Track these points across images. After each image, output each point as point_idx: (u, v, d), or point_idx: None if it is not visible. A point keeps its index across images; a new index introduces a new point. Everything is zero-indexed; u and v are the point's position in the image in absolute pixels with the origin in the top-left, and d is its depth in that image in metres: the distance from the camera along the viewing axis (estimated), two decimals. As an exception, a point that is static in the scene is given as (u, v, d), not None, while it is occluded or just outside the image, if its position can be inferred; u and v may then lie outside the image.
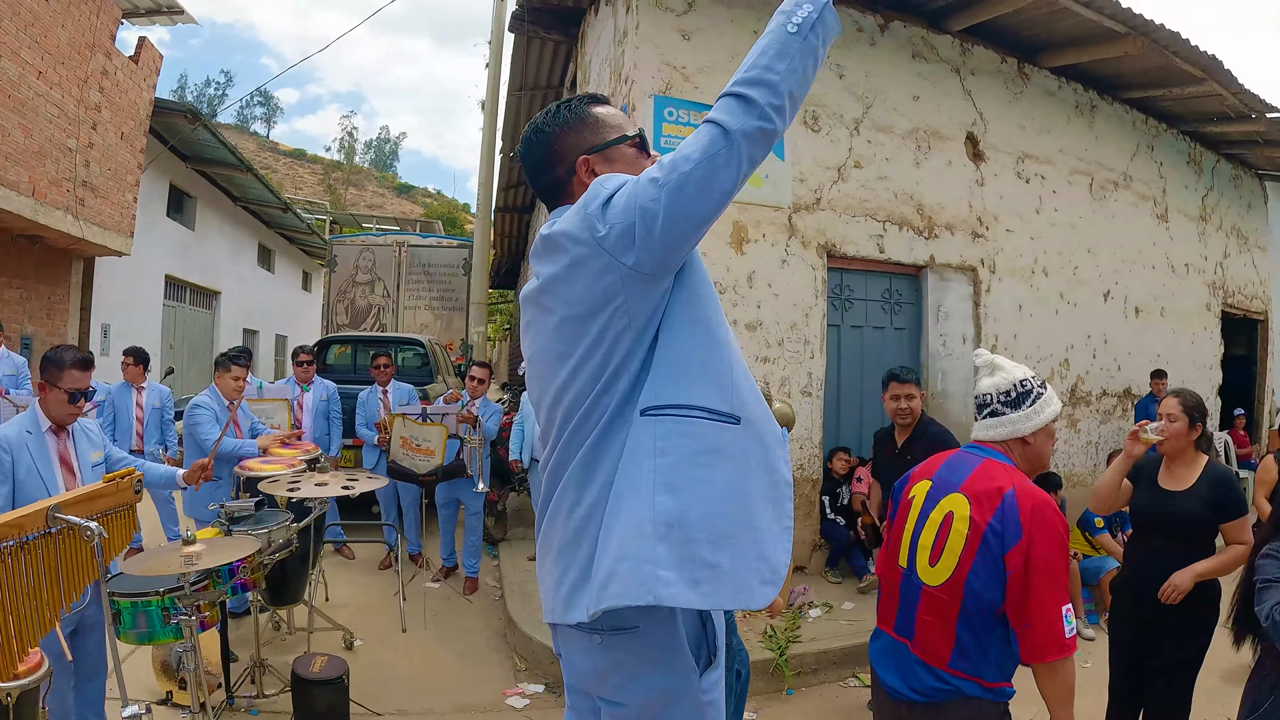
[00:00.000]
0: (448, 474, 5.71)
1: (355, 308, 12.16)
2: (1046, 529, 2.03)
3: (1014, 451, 2.25)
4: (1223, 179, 11.20)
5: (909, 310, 6.73)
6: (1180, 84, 8.35)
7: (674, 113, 5.66)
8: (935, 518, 2.19)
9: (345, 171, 77.16)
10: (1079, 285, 8.14)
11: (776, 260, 5.90)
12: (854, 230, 6.26)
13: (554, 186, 1.67)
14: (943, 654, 2.10)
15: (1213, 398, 10.82)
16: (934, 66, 7.01)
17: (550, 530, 1.60)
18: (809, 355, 6.09)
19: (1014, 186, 7.49)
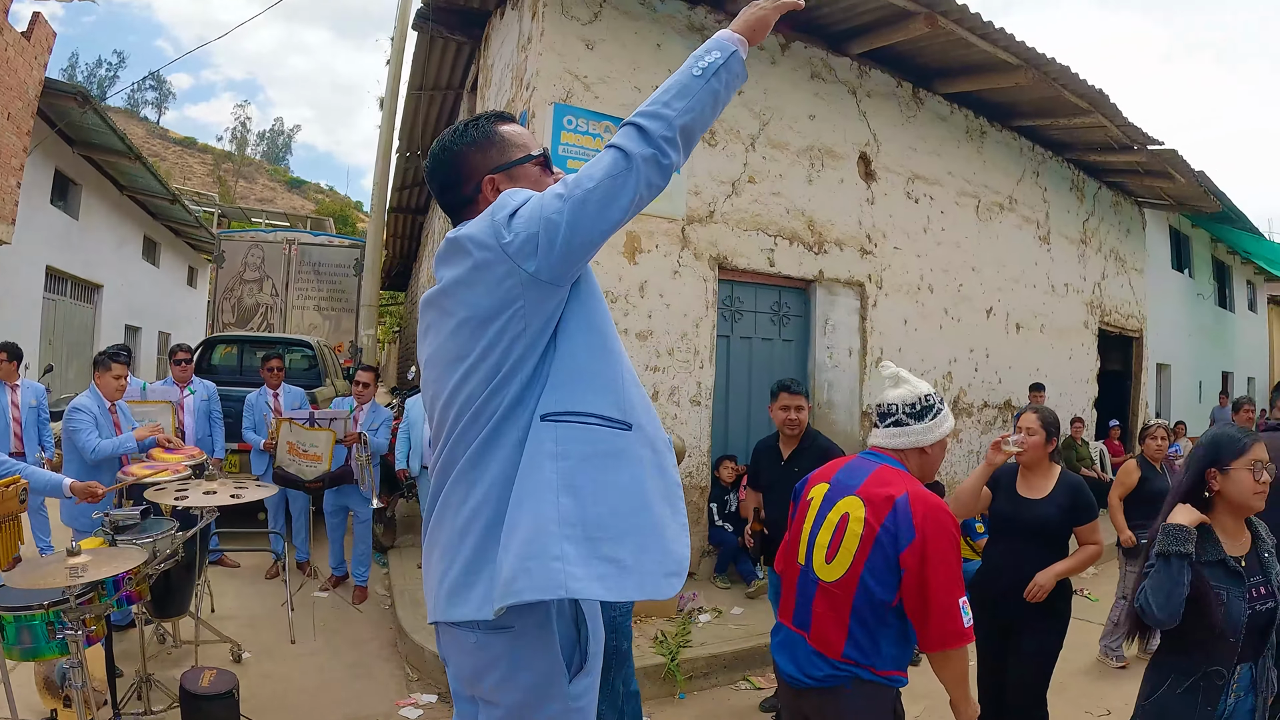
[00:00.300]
0: (335, 480, 5.64)
1: (242, 306, 11.85)
2: (939, 529, 2.18)
3: (910, 460, 2.40)
4: (1104, 205, 11.96)
5: (797, 323, 6.98)
6: (1068, 114, 8.92)
7: (573, 121, 5.72)
8: (832, 518, 2.34)
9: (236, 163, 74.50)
10: (963, 302, 8.60)
11: (669, 271, 6.05)
12: (746, 243, 6.47)
13: (460, 203, 1.73)
14: (836, 644, 2.24)
15: (1089, 410, 11.55)
16: (832, 87, 7.32)
17: (437, 528, 1.66)
18: (699, 365, 6.24)
19: (903, 206, 7.87)
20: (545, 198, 1.51)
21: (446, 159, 1.73)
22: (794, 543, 2.48)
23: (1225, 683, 2.34)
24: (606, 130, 5.79)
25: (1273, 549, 2.43)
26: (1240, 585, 2.34)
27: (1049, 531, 3.49)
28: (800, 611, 2.38)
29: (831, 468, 2.51)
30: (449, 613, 1.58)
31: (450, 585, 1.58)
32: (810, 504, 2.45)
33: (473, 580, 1.56)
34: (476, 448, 1.58)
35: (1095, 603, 6.44)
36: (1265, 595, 2.36)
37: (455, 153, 1.72)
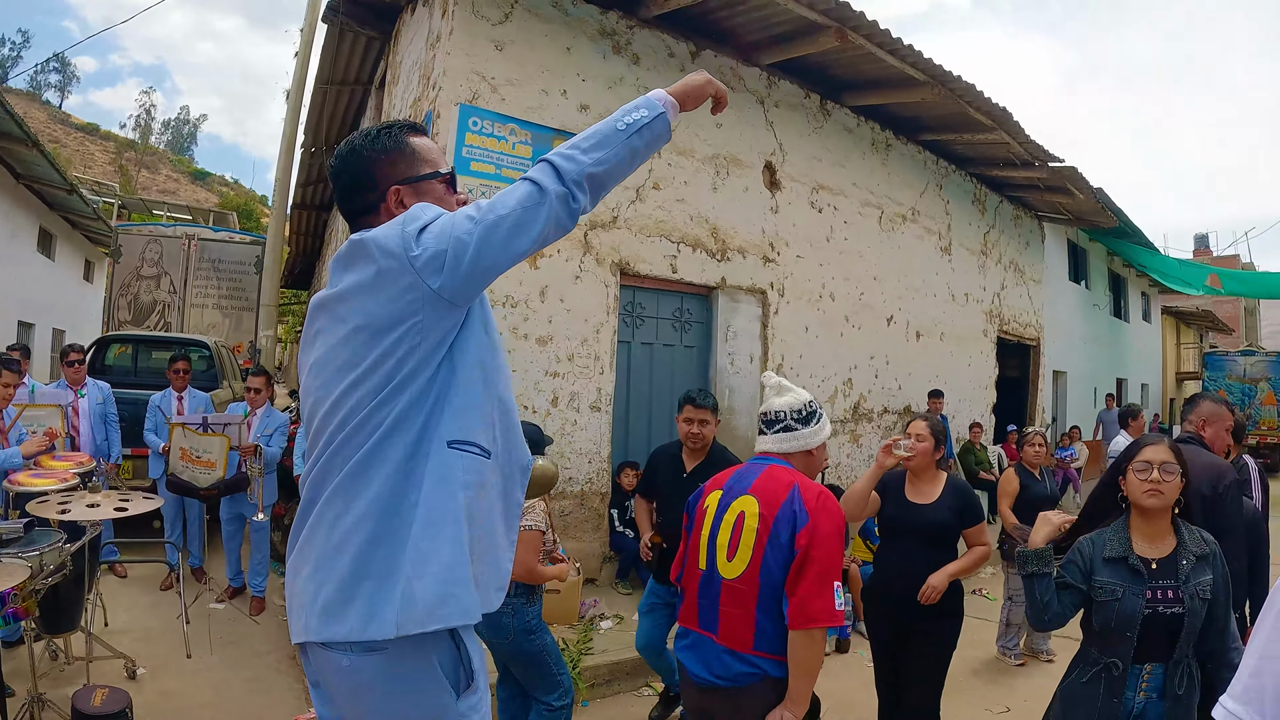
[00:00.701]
0: (230, 487, 5.54)
1: (139, 303, 11.46)
2: (828, 512, 2.34)
3: (797, 462, 2.55)
4: (1004, 218, 12.54)
5: (699, 329, 7.15)
6: (972, 130, 9.36)
7: (478, 123, 5.72)
8: (729, 518, 2.46)
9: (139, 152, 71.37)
10: (864, 310, 8.94)
11: (570, 276, 6.11)
12: (649, 250, 6.60)
13: (362, 209, 1.74)
14: (746, 640, 2.34)
15: (988, 415, 12.10)
16: (740, 96, 7.52)
17: (308, 543, 1.61)
18: (599, 371, 6.32)
19: (807, 215, 8.14)
20: (457, 218, 1.53)
21: (355, 163, 1.74)
22: (693, 551, 2.57)
23: (1123, 675, 2.45)
24: (512, 133, 5.82)
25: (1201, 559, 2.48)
26: (1139, 584, 2.45)
27: (939, 535, 3.66)
28: (706, 613, 2.46)
29: (722, 477, 2.63)
30: (323, 632, 1.54)
31: (325, 603, 1.54)
32: (706, 511, 2.57)
33: (350, 597, 1.53)
34: (359, 461, 1.57)
35: (993, 602, 6.75)
36: (1171, 600, 2.43)
37: (365, 158, 1.73)
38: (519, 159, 5.77)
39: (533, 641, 3.40)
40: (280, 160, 10.34)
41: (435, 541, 1.56)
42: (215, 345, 9.07)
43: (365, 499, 1.56)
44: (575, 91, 6.27)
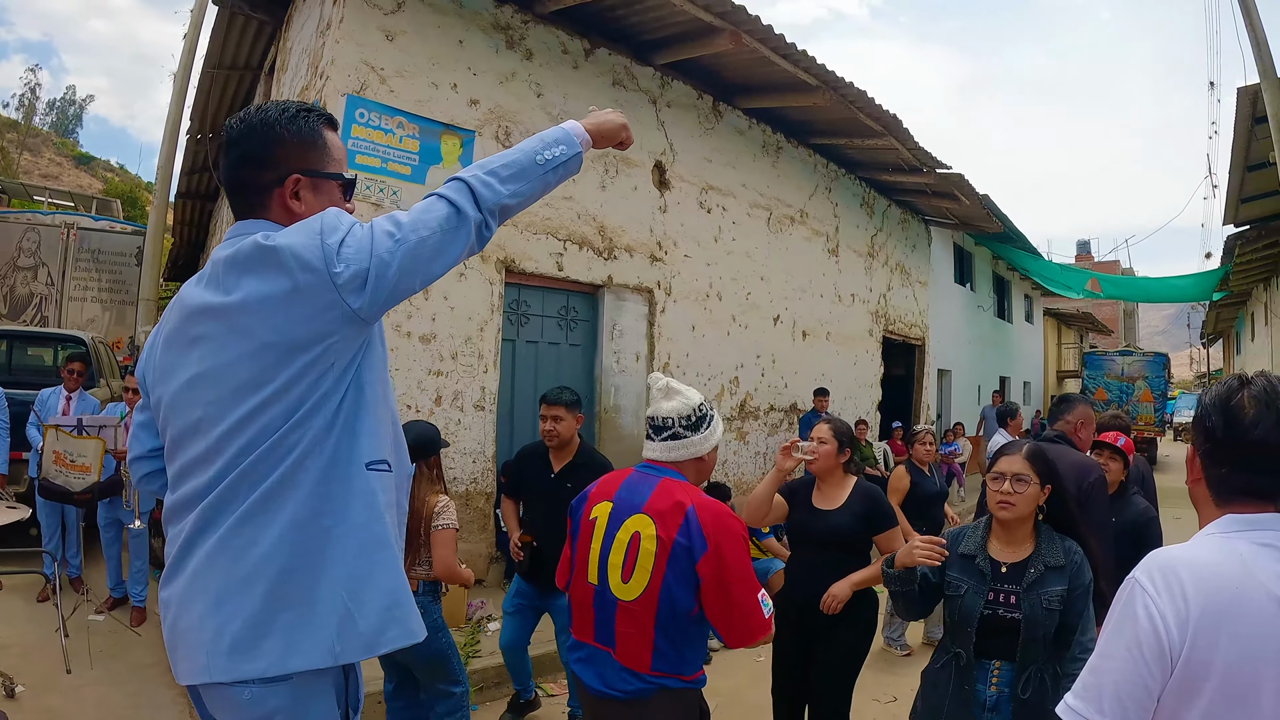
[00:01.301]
0: (105, 491, 5.38)
1: (15, 296, 11.02)
2: (729, 535, 2.31)
3: (688, 470, 2.49)
4: (892, 221, 13.24)
5: (585, 327, 7.38)
6: (862, 136, 9.88)
7: (365, 115, 5.74)
8: (622, 538, 2.38)
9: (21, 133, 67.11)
10: (751, 309, 9.38)
11: (454, 273, 6.03)
12: (535, 247, 6.79)
13: (253, 188, 1.67)
14: (644, 660, 2.33)
15: (873, 412, 12.78)
16: (633, 95, 7.78)
17: (205, 574, 1.53)
18: (483, 369, 6.40)
19: (695, 215, 8.49)
20: (376, 234, 1.50)
21: (263, 136, 1.66)
22: (581, 562, 2.52)
23: (969, 666, 2.54)
24: (399, 126, 5.87)
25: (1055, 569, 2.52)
26: (983, 584, 2.55)
27: (845, 541, 3.59)
28: (602, 629, 2.43)
29: (610, 484, 2.55)
30: (233, 671, 1.48)
31: (234, 640, 1.48)
32: (595, 524, 2.49)
33: (265, 632, 1.49)
34: (270, 487, 1.52)
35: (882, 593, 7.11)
36: (1012, 605, 2.51)
37: (275, 134, 1.65)
38: (406, 153, 5.86)
39: (440, 640, 3.46)
40: (164, 146, 10.05)
41: (372, 567, 1.58)
42: (92, 341, 8.82)
43: (278, 526, 1.52)
44: (466, 86, 6.36)
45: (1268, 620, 1.31)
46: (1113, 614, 1.43)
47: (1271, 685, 1.30)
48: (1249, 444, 1.41)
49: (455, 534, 3.48)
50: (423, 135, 6.01)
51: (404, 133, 5.90)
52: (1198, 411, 1.51)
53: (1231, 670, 1.32)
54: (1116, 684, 1.38)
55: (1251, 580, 1.35)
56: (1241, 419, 1.42)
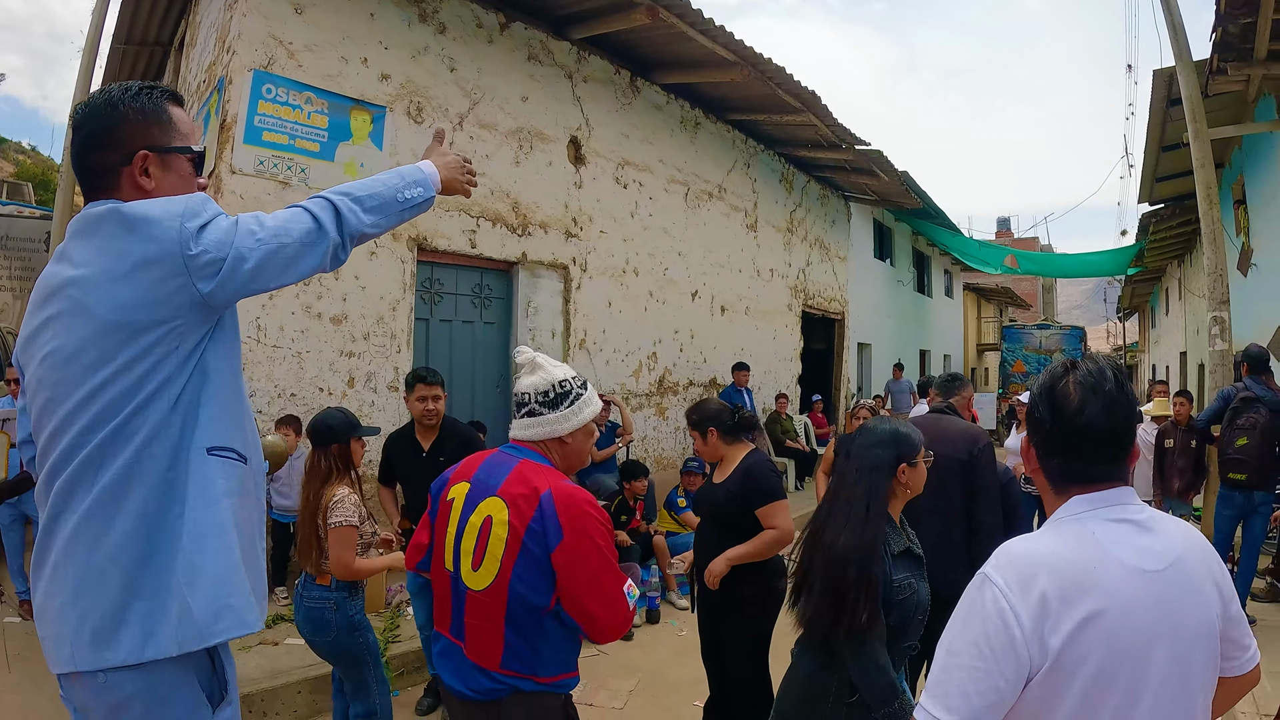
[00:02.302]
0: (12, 489, 5.41)
1: (-78, 285, 10.69)
2: (587, 523, 2.19)
3: (552, 451, 2.37)
4: (811, 197, 13.74)
5: (499, 305, 7.57)
6: (781, 112, 10.28)
7: (273, 90, 5.78)
8: (475, 522, 2.27)
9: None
10: (668, 285, 9.74)
11: (365, 252, 6.21)
12: (447, 225, 6.96)
13: (102, 170, 1.69)
14: (494, 656, 2.22)
15: (793, 386, 13.33)
16: (548, 70, 7.99)
17: (65, 564, 1.58)
18: (395, 349, 6.51)
19: (612, 190, 8.78)
20: (240, 229, 1.59)
21: (109, 117, 1.70)
22: (439, 547, 2.41)
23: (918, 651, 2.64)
24: (308, 102, 5.93)
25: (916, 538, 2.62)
26: (921, 567, 2.56)
27: (725, 516, 3.74)
28: (455, 621, 2.34)
29: (471, 464, 2.44)
30: (96, 660, 1.54)
31: (94, 630, 1.54)
32: (452, 505, 2.38)
33: (122, 620, 1.54)
34: (119, 473, 1.56)
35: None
36: None
37: (120, 114, 1.69)
38: (314, 129, 5.94)
39: (356, 639, 3.43)
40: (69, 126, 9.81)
41: (204, 554, 1.61)
42: (2, 332, 8.66)
43: (130, 515, 1.56)
44: (377, 60, 6.44)
45: (1131, 593, 1.35)
46: (961, 608, 1.43)
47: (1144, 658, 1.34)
48: (1076, 431, 1.44)
49: (352, 530, 3.36)
50: (332, 111, 6.07)
51: (312, 109, 5.95)
52: (1029, 401, 1.54)
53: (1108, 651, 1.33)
54: (963, 683, 1.37)
55: (1110, 558, 1.37)
56: (1068, 406, 1.45)
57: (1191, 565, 1.41)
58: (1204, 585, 1.41)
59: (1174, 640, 1.35)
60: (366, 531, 3.48)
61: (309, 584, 3.43)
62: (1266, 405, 5.74)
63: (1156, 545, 1.40)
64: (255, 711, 4.19)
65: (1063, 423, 1.45)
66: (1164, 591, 1.36)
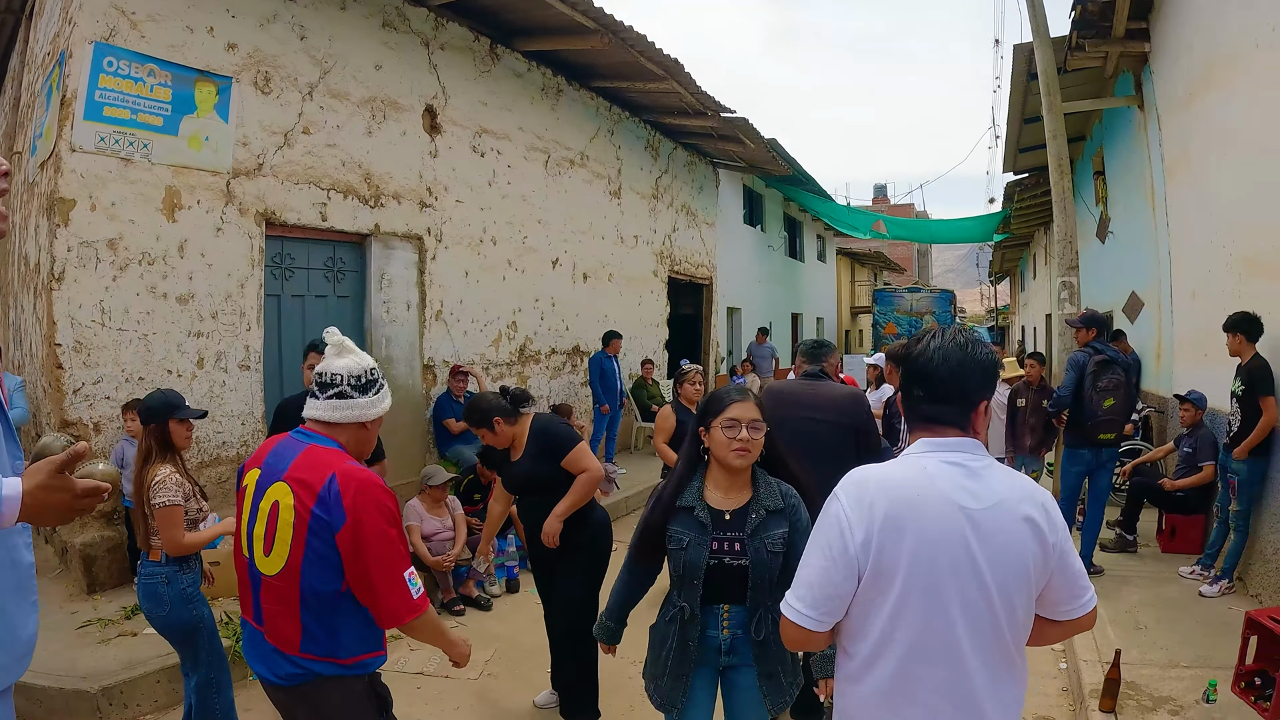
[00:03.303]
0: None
1: None
2: (372, 506, 2.30)
3: (347, 435, 2.49)
4: (678, 164, 14.45)
5: (352, 278, 7.81)
6: (644, 79, 10.84)
7: (115, 63, 5.78)
8: (264, 507, 2.37)
9: None
10: (528, 253, 10.25)
11: (211, 228, 6.33)
12: (296, 198, 7.06)
13: None
14: (292, 640, 2.34)
15: (660, 351, 14.14)
16: (404, 37, 8.24)
17: None
18: (245, 327, 6.61)
19: (468, 159, 9.17)
20: None
21: None
22: (237, 534, 2.52)
23: (695, 617, 2.72)
24: (151, 74, 5.98)
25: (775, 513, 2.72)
26: (705, 535, 2.69)
27: (537, 481, 4.07)
28: (255, 607, 2.44)
29: (264, 450, 2.55)
30: None
31: None
32: (245, 492, 2.49)
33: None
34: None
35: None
36: (738, 552, 2.68)
37: None
38: (158, 103, 6.05)
39: (190, 611, 3.58)
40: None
41: None
42: None
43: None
44: (224, 29, 6.47)
45: (946, 521, 1.71)
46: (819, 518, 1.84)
47: (946, 569, 1.70)
48: (925, 380, 1.83)
49: (177, 509, 3.52)
50: (176, 83, 6.13)
51: (156, 81, 6.02)
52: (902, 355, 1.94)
53: (916, 564, 1.70)
54: (811, 579, 1.79)
55: (933, 489, 1.74)
56: (923, 360, 1.83)
57: (1010, 510, 1.74)
58: (1020, 529, 1.73)
59: (983, 568, 1.70)
60: (192, 509, 3.65)
61: (144, 561, 3.64)
62: (1121, 365, 6.36)
63: (980, 489, 1.74)
64: (116, 704, 4.35)
65: (917, 374, 1.86)
66: (978, 526, 1.71)
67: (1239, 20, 6.06)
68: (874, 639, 1.77)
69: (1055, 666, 5.18)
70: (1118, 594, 5.95)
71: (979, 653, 1.72)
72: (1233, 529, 5.85)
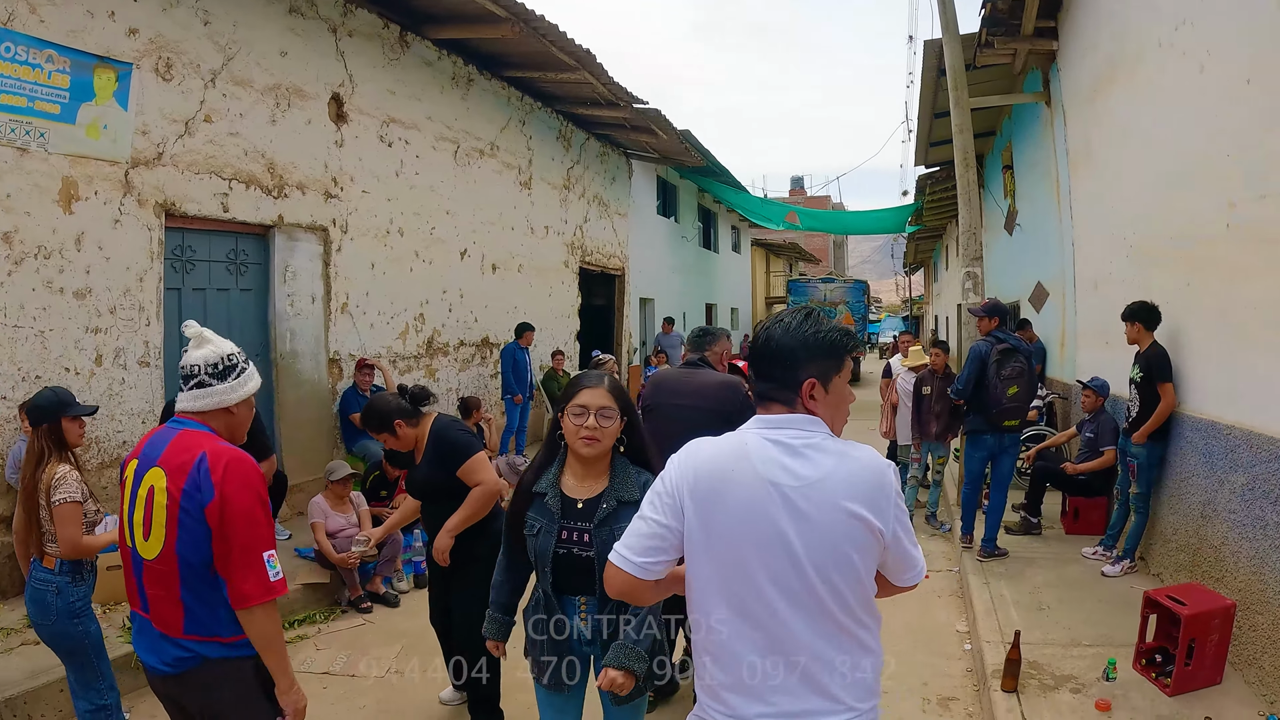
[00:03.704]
0: None
1: None
2: (240, 483, 2.42)
3: (217, 422, 2.60)
4: (590, 154, 14.74)
5: (255, 271, 7.81)
6: (556, 70, 11.06)
7: (11, 49, 5.65)
8: (141, 493, 2.48)
9: None
10: (436, 244, 10.41)
11: (109, 220, 6.22)
12: (197, 188, 6.98)
13: None
14: (176, 623, 2.44)
15: (571, 342, 14.43)
16: (311, 23, 8.27)
17: None
18: (145, 322, 6.52)
19: (375, 149, 9.27)
20: None
21: None
22: (121, 526, 2.59)
23: (553, 603, 2.77)
24: (49, 60, 5.89)
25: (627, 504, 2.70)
26: (553, 522, 2.73)
27: (435, 489, 4.05)
28: (140, 595, 2.53)
29: (142, 443, 2.66)
30: None
31: None
32: (125, 483, 2.59)
33: None
34: None
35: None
36: (586, 543, 2.71)
37: None
38: (55, 90, 5.97)
39: (76, 626, 3.53)
40: None
41: None
42: None
43: None
44: (125, 13, 6.39)
45: (752, 491, 1.83)
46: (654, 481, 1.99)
47: (752, 542, 1.83)
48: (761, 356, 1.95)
49: (78, 507, 3.52)
50: (74, 69, 6.05)
51: (54, 67, 5.94)
52: None
53: (726, 530, 1.85)
54: (641, 532, 1.93)
55: (746, 464, 1.85)
56: (758, 341, 1.98)
57: (832, 489, 1.81)
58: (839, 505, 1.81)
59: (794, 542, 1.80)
60: (90, 510, 3.63)
61: (36, 566, 3.60)
62: (1023, 353, 6.64)
63: (799, 466, 1.83)
64: (20, 714, 4.30)
65: (755, 350, 1.99)
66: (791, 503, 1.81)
67: (1143, 20, 6.37)
68: (699, 602, 1.93)
69: (960, 648, 5.46)
70: (1022, 575, 6.24)
71: (802, 620, 1.83)
72: (1133, 510, 6.15)
